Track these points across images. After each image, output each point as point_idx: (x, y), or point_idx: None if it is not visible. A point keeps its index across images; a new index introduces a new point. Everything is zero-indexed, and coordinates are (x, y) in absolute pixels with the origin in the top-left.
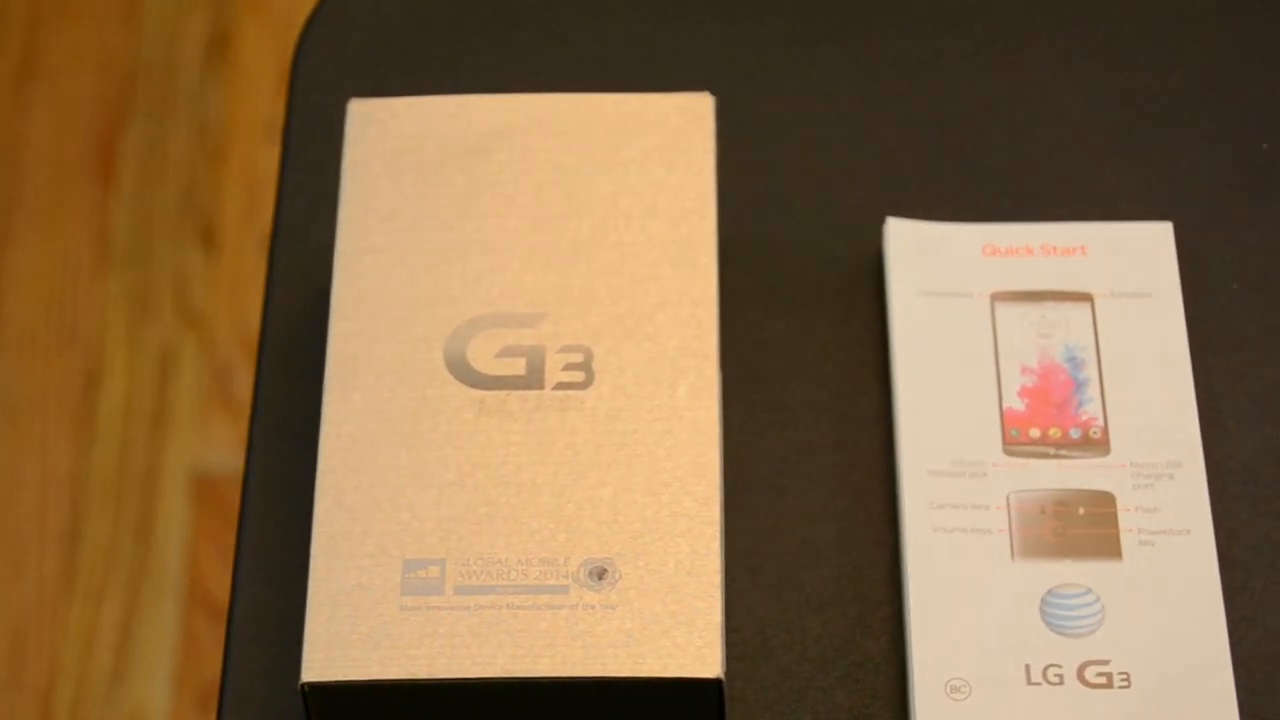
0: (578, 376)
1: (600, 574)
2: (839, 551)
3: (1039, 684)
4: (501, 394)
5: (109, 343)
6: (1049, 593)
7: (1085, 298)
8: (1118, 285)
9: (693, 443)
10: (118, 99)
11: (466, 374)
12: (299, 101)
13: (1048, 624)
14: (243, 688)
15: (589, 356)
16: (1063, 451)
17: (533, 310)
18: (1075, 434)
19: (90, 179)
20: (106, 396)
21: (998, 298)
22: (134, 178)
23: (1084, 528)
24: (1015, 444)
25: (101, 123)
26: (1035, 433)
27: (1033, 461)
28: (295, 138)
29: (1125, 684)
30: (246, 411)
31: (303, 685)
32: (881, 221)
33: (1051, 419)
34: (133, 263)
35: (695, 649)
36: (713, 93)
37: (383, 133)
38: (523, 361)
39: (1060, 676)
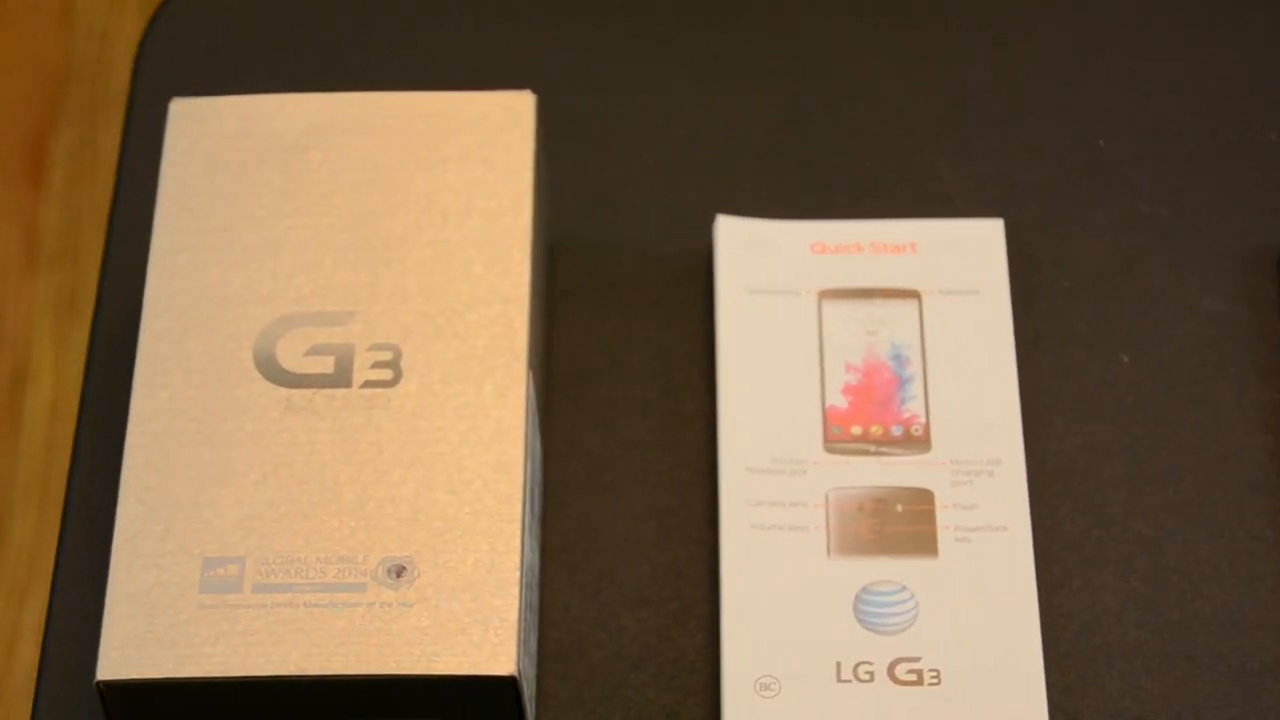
0: (386, 375)
1: (398, 572)
2: (658, 550)
3: (849, 681)
4: (309, 392)
5: (36, 343)
6: (863, 590)
7: (913, 295)
8: (946, 282)
9: (497, 441)
10: (49, 100)
11: (275, 373)
12: (139, 102)
13: (861, 621)
14: (55, 686)
15: (398, 355)
16: (884, 449)
17: (343, 309)
18: (897, 431)
19: (21, 180)
20: (33, 396)
21: (825, 295)
22: (64, 178)
23: (901, 525)
24: (836, 441)
25: (32, 124)
26: (857, 430)
27: (853, 459)
28: (134, 139)
29: (935, 681)
30: None
31: (98, 683)
32: (713, 220)
33: (874, 416)
34: (62, 263)
35: (491, 647)
36: (545, 91)
37: (203, 131)
38: (331, 360)
39: (870, 674)
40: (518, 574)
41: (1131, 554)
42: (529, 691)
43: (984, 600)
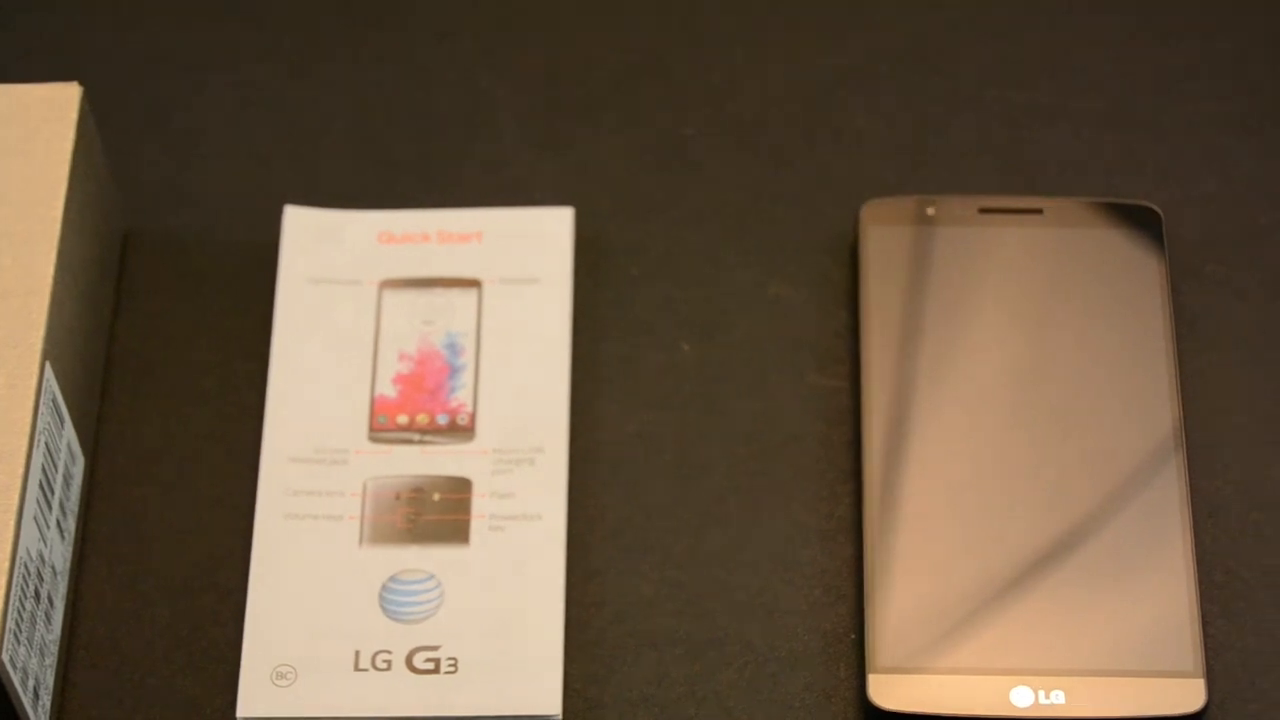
0: None
1: None
2: (201, 541)
3: (366, 670)
4: None
5: None
6: (390, 579)
7: (474, 284)
8: (508, 271)
9: (3, 433)
10: None
11: None
12: None
13: (385, 611)
14: None
15: None
16: (428, 438)
17: None
18: (443, 420)
19: None
20: None
21: (386, 285)
22: None
23: (437, 514)
24: (381, 431)
25: None
26: (404, 419)
27: (396, 448)
28: None
29: (453, 669)
30: None
31: None
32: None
33: (422, 406)
34: None
35: None
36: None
37: None
38: None
39: (389, 663)
40: (8, 564)
41: (671, 542)
42: (27, 682)
43: (510, 589)
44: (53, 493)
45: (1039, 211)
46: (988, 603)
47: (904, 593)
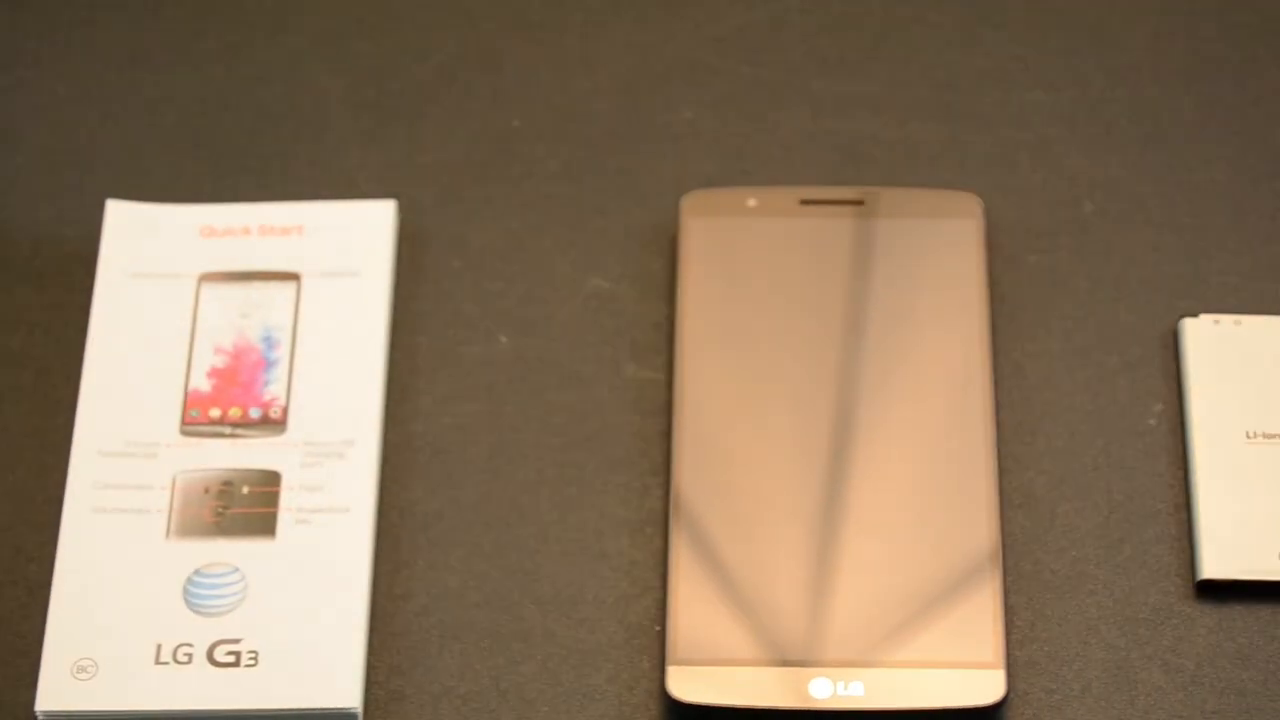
0: None
1: None
2: (9, 534)
3: (167, 663)
4: None
5: None
6: (195, 572)
7: (293, 277)
8: (328, 265)
9: None
10: None
11: None
12: None
13: (188, 604)
14: None
15: None
16: (240, 431)
17: None
18: (255, 414)
19: None
20: None
21: (205, 279)
22: None
23: (245, 507)
24: (194, 424)
25: None
26: (216, 413)
27: (208, 441)
28: None
29: (253, 662)
30: None
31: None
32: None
33: (235, 399)
34: None
35: None
36: None
37: None
38: None
39: (190, 656)
40: None
41: (481, 534)
42: None
43: (314, 582)
44: None
45: (860, 202)
46: (789, 595)
47: (706, 585)
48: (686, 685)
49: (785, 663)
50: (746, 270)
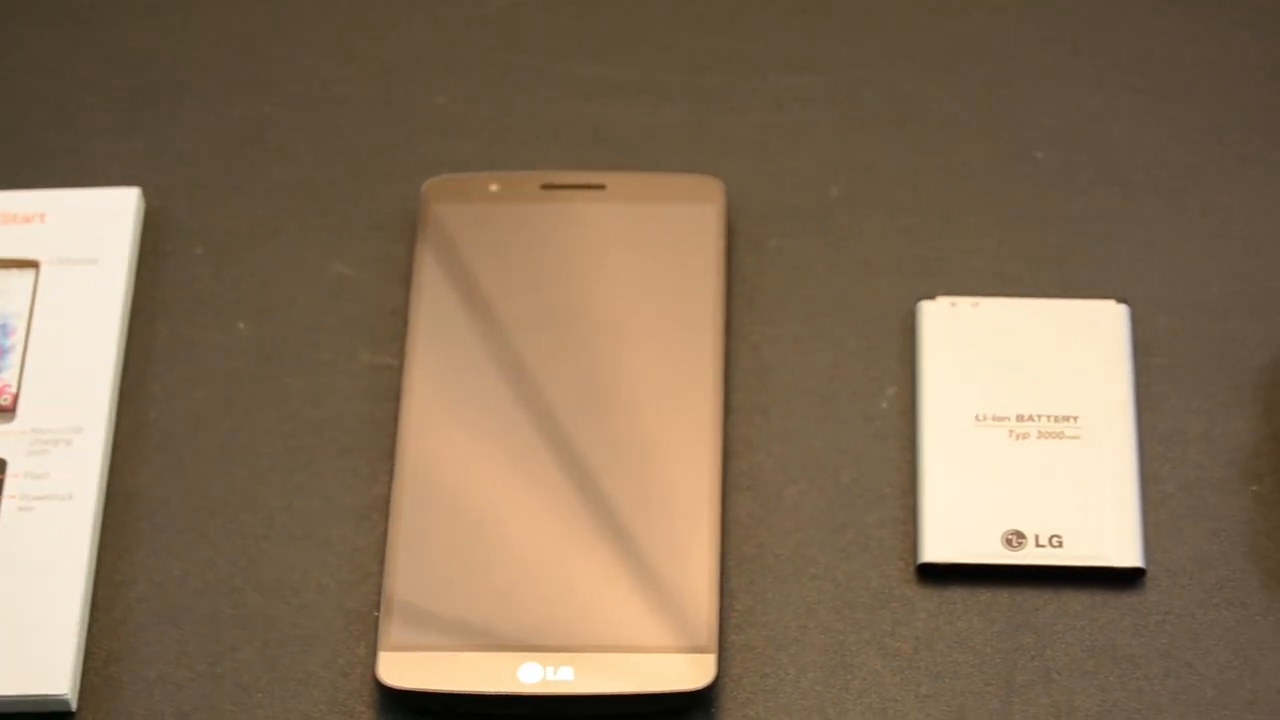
0: None
1: None
2: None
3: None
4: None
5: None
6: None
7: (32, 265)
8: (68, 252)
9: None
10: None
11: None
12: None
13: None
14: None
15: None
16: None
17: None
18: None
19: None
20: None
21: None
22: None
23: None
24: None
25: None
26: None
27: None
28: None
29: None
30: None
31: None
32: None
33: None
34: None
35: None
36: None
37: None
38: None
39: None
40: None
41: (207, 522)
42: None
43: (32, 569)
44: None
45: (601, 187)
46: (504, 580)
47: (420, 571)
48: (397, 670)
49: (496, 648)
50: (487, 256)
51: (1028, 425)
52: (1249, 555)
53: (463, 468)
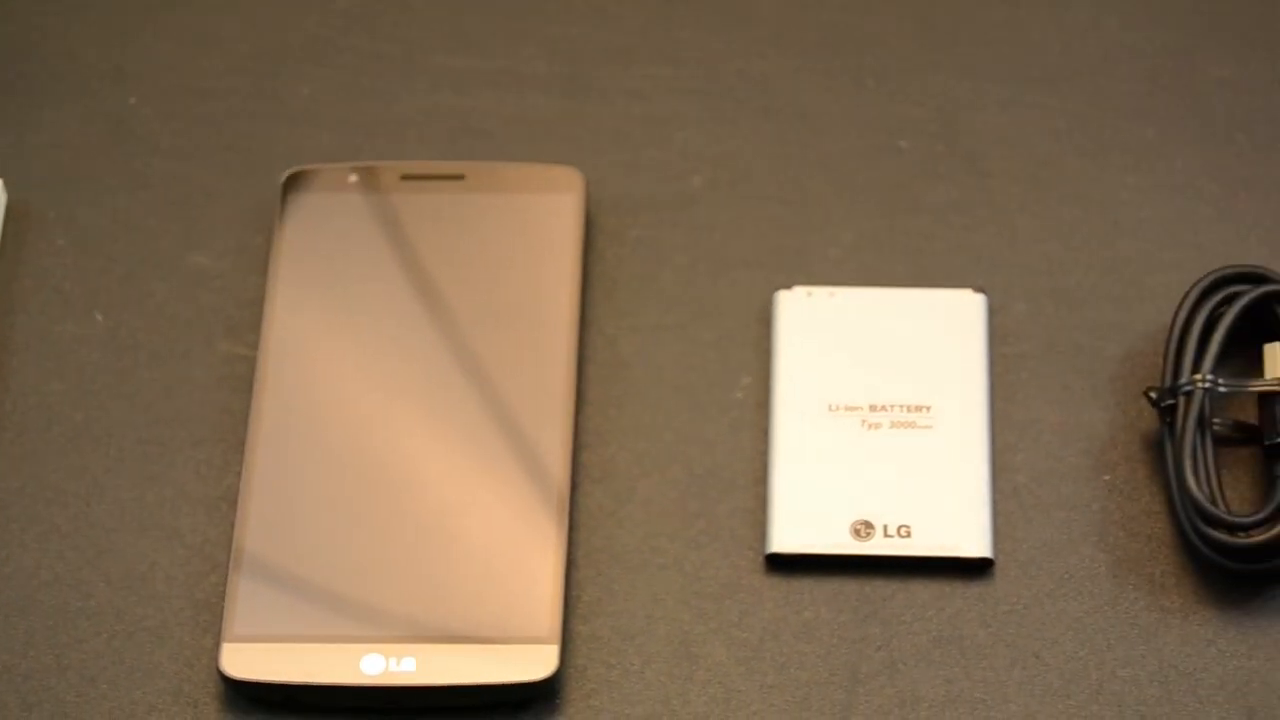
0: None
1: None
2: None
3: None
4: None
5: None
6: None
7: None
8: None
9: None
10: None
11: None
12: None
13: None
14: None
15: None
16: None
17: None
18: None
19: None
20: None
21: None
22: None
23: None
24: None
25: None
26: None
27: None
28: None
29: None
30: None
31: None
32: None
33: None
34: None
35: None
36: None
37: None
38: None
39: None
40: None
41: (59, 513)
42: None
43: None
44: None
45: (461, 177)
46: (349, 572)
47: (265, 562)
48: (239, 662)
49: (339, 639)
50: (345, 247)
51: (880, 415)
52: (1100, 544)
53: (311, 458)
